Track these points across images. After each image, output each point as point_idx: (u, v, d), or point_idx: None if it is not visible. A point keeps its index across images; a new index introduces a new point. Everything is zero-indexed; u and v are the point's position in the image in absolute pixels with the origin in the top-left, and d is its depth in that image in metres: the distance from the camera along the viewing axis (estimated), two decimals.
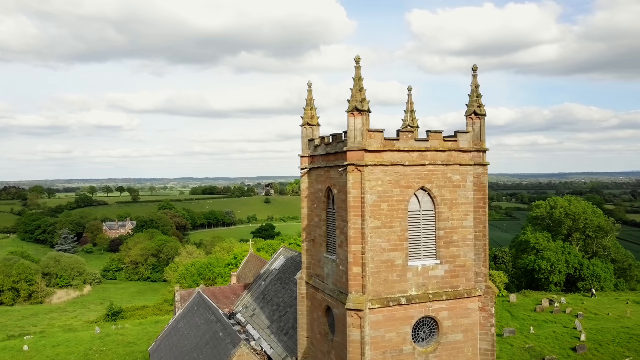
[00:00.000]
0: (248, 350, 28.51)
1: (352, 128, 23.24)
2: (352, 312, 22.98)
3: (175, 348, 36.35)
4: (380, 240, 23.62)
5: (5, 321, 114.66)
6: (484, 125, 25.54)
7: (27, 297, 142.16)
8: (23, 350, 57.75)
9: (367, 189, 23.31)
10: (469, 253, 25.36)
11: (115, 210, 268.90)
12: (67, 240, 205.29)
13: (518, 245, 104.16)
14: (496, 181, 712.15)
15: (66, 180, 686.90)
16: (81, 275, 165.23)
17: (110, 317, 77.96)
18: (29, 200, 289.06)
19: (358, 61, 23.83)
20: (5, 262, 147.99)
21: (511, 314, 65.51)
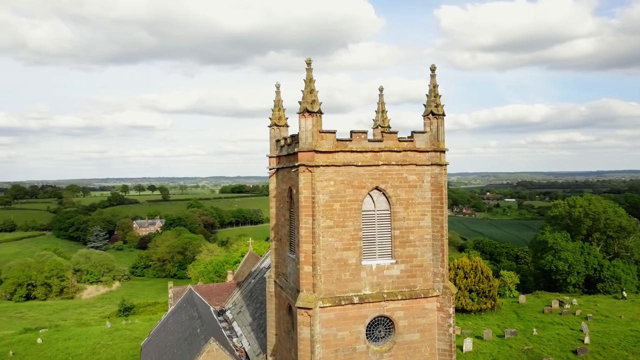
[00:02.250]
0: (217, 346, 29.22)
1: (303, 129, 23.61)
2: (301, 310, 23.39)
3: (161, 343, 37.48)
4: (332, 240, 23.93)
5: (37, 315, 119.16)
6: (442, 125, 25.51)
7: (58, 292, 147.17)
8: (36, 342, 60.30)
9: (319, 189, 23.65)
10: (427, 253, 25.38)
11: (146, 209, 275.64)
12: (98, 237, 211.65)
13: (536, 245, 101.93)
14: (530, 179, 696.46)
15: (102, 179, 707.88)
16: (110, 272, 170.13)
17: (122, 312, 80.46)
18: (64, 199, 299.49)
19: (309, 63, 24.17)
20: (38, 258, 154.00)
21: (517, 315, 64.48)
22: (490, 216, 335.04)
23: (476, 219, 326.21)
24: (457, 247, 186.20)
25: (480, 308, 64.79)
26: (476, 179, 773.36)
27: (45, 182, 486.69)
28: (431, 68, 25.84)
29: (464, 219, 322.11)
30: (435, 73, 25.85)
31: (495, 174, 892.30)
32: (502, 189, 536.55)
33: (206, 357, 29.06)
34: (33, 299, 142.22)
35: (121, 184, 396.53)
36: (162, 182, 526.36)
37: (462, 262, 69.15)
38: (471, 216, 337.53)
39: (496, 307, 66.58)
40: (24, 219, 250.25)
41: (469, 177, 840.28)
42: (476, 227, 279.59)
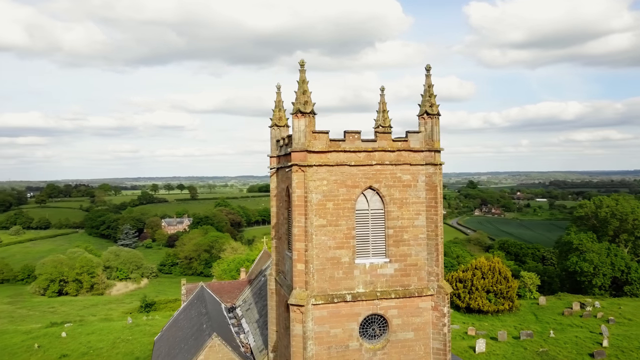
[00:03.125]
0: (219, 341, 29.95)
1: (296, 130, 24.05)
2: (294, 307, 23.85)
3: (172, 338, 38.51)
4: (325, 238, 24.30)
5: (68, 310, 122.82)
6: (436, 125, 25.56)
7: (89, 288, 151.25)
8: (61, 336, 62.49)
9: (312, 188, 24.06)
10: (421, 252, 25.49)
11: (174, 207, 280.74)
12: (128, 235, 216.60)
13: (561, 246, 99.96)
14: (563, 179, 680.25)
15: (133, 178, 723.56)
16: (139, 269, 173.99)
17: (143, 308, 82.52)
18: (96, 198, 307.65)
19: (302, 65, 24.58)
20: (70, 255, 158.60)
21: (536, 317, 63.53)
22: (520, 216, 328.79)
23: (505, 219, 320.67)
24: (484, 247, 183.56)
25: (497, 309, 64.07)
26: (507, 179, 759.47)
27: (79, 181, 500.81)
28: (426, 68, 25.93)
29: (493, 219, 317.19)
30: (430, 73, 25.93)
31: (526, 173, 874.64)
32: (534, 188, 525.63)
33: (208, 352, 29.84)
34: (65, 294, 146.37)
35: (151, 183, 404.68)
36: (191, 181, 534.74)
37: (480, 262, 68.52)
38: (500, 216, 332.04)
39: (514, 308, 65.72)
40: (58, 217, 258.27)
41: (500, 176, 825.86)
42: (505, 227, 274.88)
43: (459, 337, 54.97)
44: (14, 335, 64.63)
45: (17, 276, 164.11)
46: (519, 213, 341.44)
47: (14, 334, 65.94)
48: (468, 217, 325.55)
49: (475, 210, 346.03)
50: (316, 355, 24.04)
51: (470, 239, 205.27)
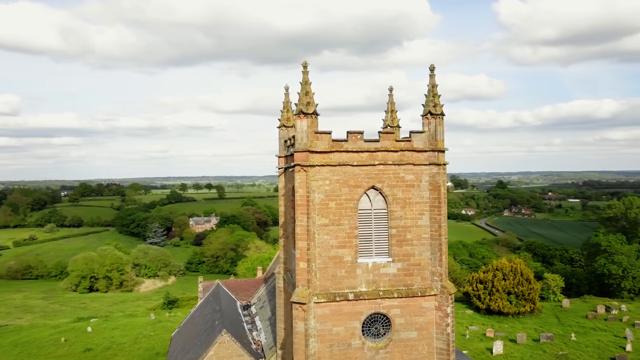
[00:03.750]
0: (229, 338, 30.53)
1: (299, 130, 24.41)
2: (296, 305, 24.22)
3: (187, 334, 39.38)
4: (327, 237, 24.59)
5: (98, 306, 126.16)
6: (440, 125, 25.56)
7: (118, 285, 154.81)
8: (87, 331, 64.43)
9: (314, 188, 24.38)
10: (425, 252, 25.53)
11: (202, 206, 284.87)
12: (157, 233, 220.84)
13: (589, 247, 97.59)
14: (598, 179, 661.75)
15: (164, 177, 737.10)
16: (166, 267, 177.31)
17: (166, 305, 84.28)
18: (127, 196, 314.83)
19: (305, 66, 24.90)
20: (100, 252, 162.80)
21: (558, 319, 62.35)
22: (551, 217, 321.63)
23: (536, 219, 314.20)
24: (512, 248, 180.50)
25: (518, 311, 63.12)
26: (538, 178, 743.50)
27: (111, 180, 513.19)
28: (430, 68, 25.94)
29: (523, 219, 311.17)
30: (434, 73, 25.93)
31: (559, 173, 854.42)
32: (566, 188, 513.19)
33: (218, 348, 30.45)
34: (95, 290, 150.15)
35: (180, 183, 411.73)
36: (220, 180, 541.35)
37: (501, 263, 67.64)
38: (530, 217, 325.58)
39: (536, 310, 64.62)
40: (90, 216, 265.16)
41: (531, 176, 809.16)
42: (536, 228, 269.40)
43: (477, 339, 54.44)
44: (42, 329, 66.95)
45: (51, 272, 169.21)
46: (550, 214, 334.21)
47: (43, 328, 68.30)
48: (497, 217, 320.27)
49: (504, 211, 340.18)
50: (318, 352, 24.35)
51: (499, 239, 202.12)
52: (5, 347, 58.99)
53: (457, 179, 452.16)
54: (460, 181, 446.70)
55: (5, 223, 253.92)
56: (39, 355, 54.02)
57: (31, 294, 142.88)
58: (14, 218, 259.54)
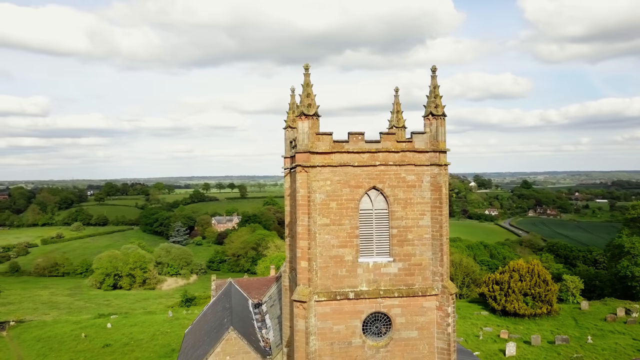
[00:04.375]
0: (235, 335, 31.18)
1: (300, 131, 24.80)
2: (297, 303, 24.63)
3: (198, 331, 40.20)
4: (329, 237, 24.93)
5: (121, 303, 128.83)
6: (441, 126, 25.65)
7: (141, 282, 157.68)
8: (106, 327, 66.07)
9: (315, 188, 24.75)
10: (426, 252, 25.65)
11: (224, 206, 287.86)
12: (179, 232, 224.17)
13: (613, 249, 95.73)
14: (628, 179, 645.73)
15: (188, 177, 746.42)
16: (188, 265, 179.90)
17: (184, 303, 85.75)
18: (151, 196, 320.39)
19: (307, 68, 25.30)
20: (124, 250, 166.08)
21: (576, 322, 61.44)
22: (578, 218, 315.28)
23: (561, 220, 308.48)
24: (536, 249, 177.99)
25: (534, 312, 62.39)
26: (565, 178, 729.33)
27: (137, 179, 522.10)
28: (432, 69, 26.06)
29: (548, 220, 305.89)
30: (435, 74, 26.03)
31: (587, 173, 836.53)
32: (594, 189, 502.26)
33: (225, 344, 31.13)
34: (119, 288, 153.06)
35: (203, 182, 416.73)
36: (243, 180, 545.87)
37: (517, 264, 66.97)
38: (556, 217, 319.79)
39: (553, 312, 63.78)
40: (115, 214, 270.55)
41: (558, 176, 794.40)
42: (561, 229, 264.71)
43: (491, 340, 54.09)
44: (65, 325, 68.87)
45: (77, 270, 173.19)
46: (577, 214, 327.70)
47: (65, 324, 70.24)
48: (521, 218, 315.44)
49: (529, 211, 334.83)
50: (319, 350, 24.71)
51: (522, 240, 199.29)
52: (28, 341, 60.94)
53: (481, 178, 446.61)
54: (484, 181, 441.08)
55: (34, 221, 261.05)
56: (60, 350, 55.67)
57: (57, 290, 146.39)
58: (43, 216, 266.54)
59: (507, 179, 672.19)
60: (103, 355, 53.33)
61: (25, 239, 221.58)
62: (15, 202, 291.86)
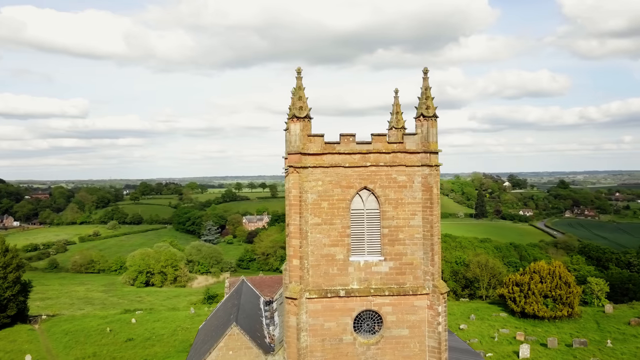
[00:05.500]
0: (238, 331, 32.04)
1: (292, 133, 25.57)
2: (288, 300, 25.39)
3: (209, 327, 41.40)
4: (320, 236, 25.60)
5: (153, 300, 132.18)
6: (433, 127, 25.94)
7: (172, 280, 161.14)
8: (131, 322, 68.39)
9: (307, 189, 25.47)
10: (417, 251, 26.00)
11: (255, 205, 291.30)
12: (211, 231, 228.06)
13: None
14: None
15: (221, 177, 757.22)
16: (218, 264, 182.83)
17: (206, 300, 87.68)
18: (184, 195, 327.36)
19: (299, 72, 26.01)
20: (156, 249, 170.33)
21: (598, 325, 60.08)
22: (618, 219, 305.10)
23: (600, 221, 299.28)
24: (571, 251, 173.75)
25: (554, 315, 61.31)
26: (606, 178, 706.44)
27: (172, 179, 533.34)
28: (424, 71, 26.38)
29: (586, 221, 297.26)
30: (427, 76, 26.34)
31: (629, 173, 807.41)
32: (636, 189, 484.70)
33: (228, 340, 32.04)
34: (151, 285, 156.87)
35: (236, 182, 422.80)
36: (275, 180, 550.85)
37: (538, 266, 65.95)
38: (594, 218, 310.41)
39: (575, 315, 62.51)
40: (149, 213, 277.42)
41: (598, 175, 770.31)
42: (599, 230, 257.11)
43: (506, 342, 53.54)
44: (92, 320, 71.58)
45: (111, 267, 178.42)
46: (617, 215, 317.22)
47: (93, 318, 73.01)
48: (557, 219, 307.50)
49: (565, 212, 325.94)
50: (310, 346, 25.40)
51: (558, 242, 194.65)
52: (57, 334, 63.72)
53: (515, 178, 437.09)
54: (519, 181, 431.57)
55: (73, 220, 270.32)
56: (85, 343, 58.07)
57: (93, 287, 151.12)
58: (81, 215, 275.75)
59: (544, 178, 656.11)
60: (125, 348, 55.37)
61: (64, 236, 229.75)
62: (56, 201, 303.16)
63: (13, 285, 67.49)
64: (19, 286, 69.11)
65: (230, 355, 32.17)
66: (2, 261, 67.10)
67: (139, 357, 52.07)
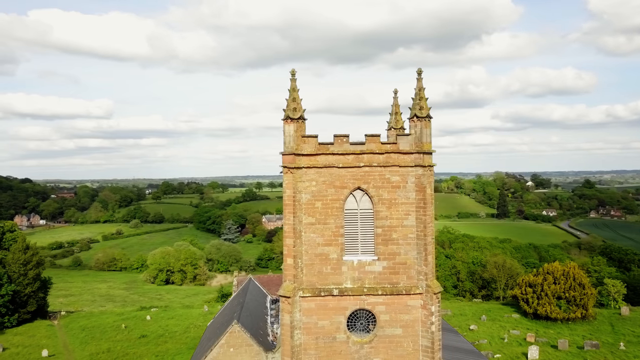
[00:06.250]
0: (239, 328, 32.73)
1: (286, 134, 25.97)
2: (282, 298, 25.80)
3: (216, 324, 42.16)
4: (314, 235, 25.94)
5: (172, 297, 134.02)
6: (426, 127, 26.05)
7: (192, 278, 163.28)
8: (146, 319, 69.81)
9: (301, 189, 25.84)
10: (411, 251, 26.14)
11: (275, 204, 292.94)
12: (231, 230, 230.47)
13: None
14: None
15: (243, 176, 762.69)
16: (237, 262, 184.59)
17: (220, 298, 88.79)
18: (205, 194, 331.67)
19: (293, 74, 26.42)
20: (176, 247, 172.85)
21: (612, 327, 59.11)
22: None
23: (627, 222, 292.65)
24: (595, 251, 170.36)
25: (567, 317, 60.50)
26: (634, 177, 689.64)
27: (194, 179, 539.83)
28: (417, 72, 26.51)
29: (611, 222, 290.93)
30: (421, 77, 26.46)
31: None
32: None
33: (229, 337, 32.77)
34: (171, 283, 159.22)
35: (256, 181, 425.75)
36: None
37: (552, 267, 65.17)
38: (621, 219, 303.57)
39: (589, 316, 61.59)
40: (171, 212, 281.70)
41: (626, 175, 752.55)
42: (625, 231, 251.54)
43: (516, 343, 53.09)
44: (109, 316, 73.31)
45: (133, 265, 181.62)
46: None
47: (110, 315, 74.76)
48: (582, 219, 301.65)
49: (590, 212, 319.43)
50: (304, 344, 25.77)
51: (581, 242, 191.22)
52: (74, 330, 65.44)
53: (539, 178, 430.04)
54: (543, 180, 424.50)
55: (97, 218, 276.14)
56: (100, 339, 59.53)
57: (115, 284, 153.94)
58: (104, 214, 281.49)
59: (569, 178, 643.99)
60: (138, 345, 56.59)
61: (88, 234, 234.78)
62: (80, 200, 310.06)
63: (33, 282, 69.49)
64: (38, 283, 71.11)
65: (231, 352, 32.87)
66: (22, 259, 69.16)
67: (151, 353, 53.16)
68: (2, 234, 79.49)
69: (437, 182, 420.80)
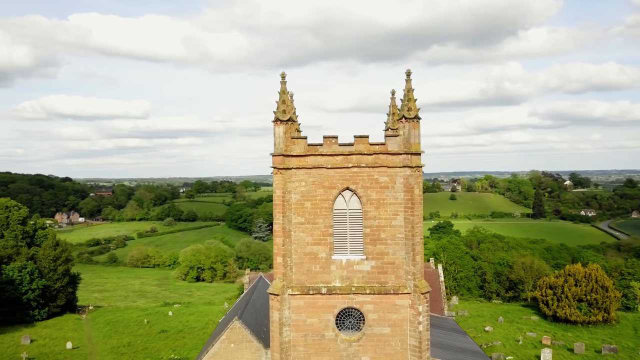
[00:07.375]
0: (239, 324, 33.54)
1: (276, 136, 26.57)
2: (272, 296, 26.45)
3: (225, 320, 43.17)
4: (303, 235, 26.49)
5: (202, 294, 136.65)
6: (415, 128, 26.20)
7: (222, 276, 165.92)
8: (168, 315, 71.76)
9: (290, 189, 26.43)
10: (399, 251, 26.36)
11: None
12: (261, 228, 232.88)
13: None
14: None
15: None
16: (267, 260, 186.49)
17: (240, 295, 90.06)
18: (237, 193, 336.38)
19: (283, 77, 27.01)
20: (207, 245, 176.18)
21: (635, 331, 57.38)
22: None
23: None
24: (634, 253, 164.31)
25: (588, 320, 59.03)
26: None
27: (229, 178, 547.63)
28: (406, 73, 26.70)
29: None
30: (410, 78, 26.65)
31: None
32: None
33: (230, 333, 33.62)
34: (202, 280, 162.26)
35: None
36: None
37: (574, 268, 63.71)
38: None
39: (611, 320, 59.92)
40: (204, 211, 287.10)
41: None
42: None
43: (531, 345, 52.20)
44: (134, 311, 75.67)
45: (165, 262, 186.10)
46: None
47: (134, 310, 77.15)
48: (623, 219, 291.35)
49: (632, 213, 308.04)
50: (293, 341, 26.36)
51: (621, 244, 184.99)
52: (100, 324, 67.91)
53: (578, 177, 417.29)
54: (582, 179, 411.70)
55: (132, 216, 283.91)
56: (123, 333, 61.60)
57: (147, 281, 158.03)
58: (139, 212, 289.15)
59: (612, 177, 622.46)
60: (158, 339, 58.34)
61: (124, 232, 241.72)
62: (117, 199, 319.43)
63: (62, 277, 72.40)
64: (67, 278, 74.01)
65: (232, 348, 33.71)
66: (52, 255, 72.16)
67: (169, 347, 54.72)
68: (34, 231, 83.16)
69: (472, 181, 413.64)
